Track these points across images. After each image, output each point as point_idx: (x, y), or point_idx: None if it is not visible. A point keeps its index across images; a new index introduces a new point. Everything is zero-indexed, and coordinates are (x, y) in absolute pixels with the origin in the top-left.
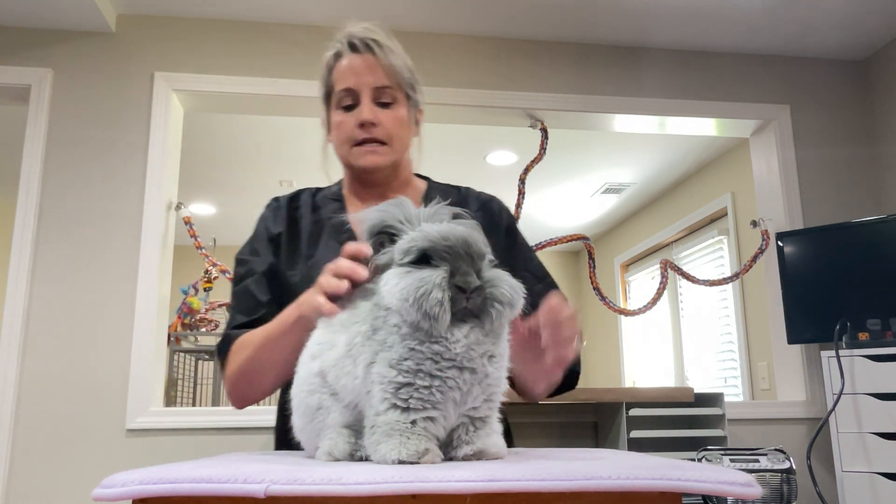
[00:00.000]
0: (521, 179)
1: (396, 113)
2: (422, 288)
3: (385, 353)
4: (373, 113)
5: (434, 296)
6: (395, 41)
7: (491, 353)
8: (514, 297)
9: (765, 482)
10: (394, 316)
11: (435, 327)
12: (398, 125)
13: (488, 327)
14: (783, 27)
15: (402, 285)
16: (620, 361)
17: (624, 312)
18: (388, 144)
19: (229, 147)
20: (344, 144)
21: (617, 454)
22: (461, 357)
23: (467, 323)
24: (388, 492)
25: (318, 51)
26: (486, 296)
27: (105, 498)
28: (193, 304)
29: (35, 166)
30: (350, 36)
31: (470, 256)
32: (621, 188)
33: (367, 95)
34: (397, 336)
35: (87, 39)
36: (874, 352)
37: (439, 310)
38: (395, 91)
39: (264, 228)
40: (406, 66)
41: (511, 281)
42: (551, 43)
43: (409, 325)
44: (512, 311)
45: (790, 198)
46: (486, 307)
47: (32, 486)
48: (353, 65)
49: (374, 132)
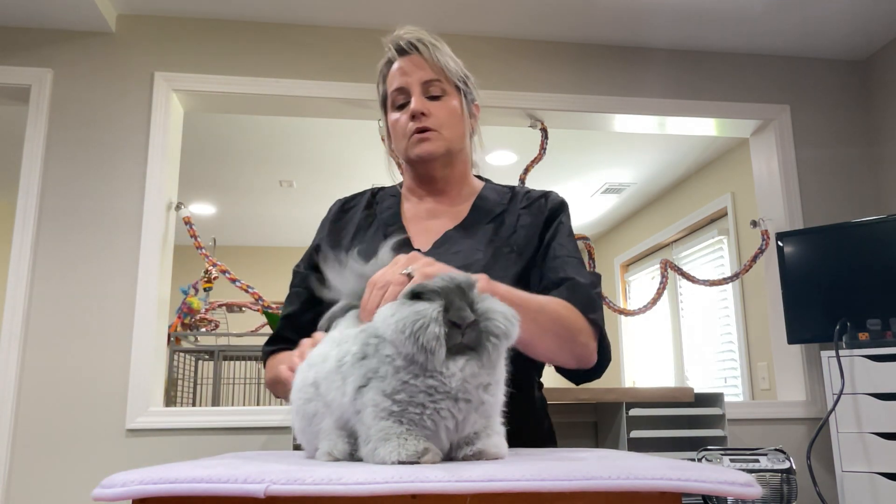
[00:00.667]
0: (521, 179)
1: (447, 104)
2: (419, 322)
3: (378, 383)
4: (423, 104)
5: (431, 330)
6: (442, 41)
7: (487, 382)
8: (509, 329)
9: (765, 482)
10: (387, 346)
11: (431, 361)
12: (449, 115)
13: (485, 360)
14: (783, 27)
15: (397, 317)
16: (620, 361)
17: (624, 312)
18: (439, 132)
19: (229, 147)
20: (402, 139)
21: (617, 454)
22: (456, 390)
23: (463, 356)
24: (388, 492)
25: (318, 51)
26: (482, 329)
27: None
28: (193, 304)
29: (35, 166)
30: (397, 40)
31: (461, 289)
32: (621, 188)
33: (416, 90)
34: (391, 367)
35: (87, 39)
36: (874, 352)
37: (436, 344)
38: (443, 84)
39: (317, 238)
40: (454, 60)
41: (505, 310)
42: (551, 43)
43: (404, 357)
44: (508, 341)
45: (790, 198)
46: (482, 340)
47: (32, 486)
48: (401, 66)
49: (425, 122)
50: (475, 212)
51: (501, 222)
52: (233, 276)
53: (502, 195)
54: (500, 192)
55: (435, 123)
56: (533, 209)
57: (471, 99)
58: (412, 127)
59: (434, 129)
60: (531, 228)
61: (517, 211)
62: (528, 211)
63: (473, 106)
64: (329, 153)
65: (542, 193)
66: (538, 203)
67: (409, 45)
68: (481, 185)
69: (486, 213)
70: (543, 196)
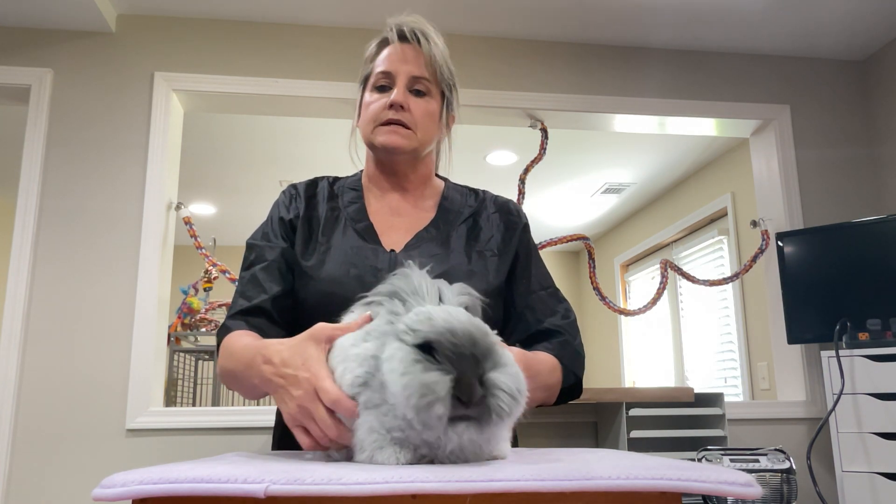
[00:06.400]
0: (521, 179)
1: (427, 104)
2: (426, 398)
3: (376, 412)
4: (404, 97)
5: (436, 410)
6: (443, 42)
7: (483, 445)
8: (513, 408)
9: (765, 482)
10: (390, 393)
11: (428, 434)
12: (426, 115)
13: (485, 430)
14: (783, 27)
15: (405, 381)
16: (620, 361)
17: (624, 312)
18: (412, 131)
19: (229, 147)
20: (369, 123)
21: (617, 454)
22: (452, 450)
23: (464, 422)
24: (388, 492)
25: (318, 51)
26: (487, 405)
27: (105, 498)
28: (193, 304)
29: (35, 166)
30: (401, 24)
31: (475, 358)
32: (621, 188)
33: (402, 80)
34: (392, 413)
35: (87, 39)
36: (874, 352)
37: (437, 423)
38: (430, 84)
39: (278, 214)
40: (448, 65)
41: (512, 386)
42: (551, 43)
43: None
44: (510, 419)
45: (790, 198)
46: (485, 415)
47: (32, 486)
48: (397, 51)
49: (401, 115)
50: (443, 212)
51: (474, 225)
52: (233, 276)
53: (465, 196)
54: (463, 193)
55: (409, 120)
56: (504, 218)
57: (451, 108)
58: (386, 116)
59: (407, 125)
60: (507, 236)
61: (489, 215)
62: (499, 217)
63: (451, 116)
64: (329, 153)
65: (507, 200)
66: (510, 216)
67: (413, 33)
68: (442, 185)
69: (455, 215)
70: (516, 212)
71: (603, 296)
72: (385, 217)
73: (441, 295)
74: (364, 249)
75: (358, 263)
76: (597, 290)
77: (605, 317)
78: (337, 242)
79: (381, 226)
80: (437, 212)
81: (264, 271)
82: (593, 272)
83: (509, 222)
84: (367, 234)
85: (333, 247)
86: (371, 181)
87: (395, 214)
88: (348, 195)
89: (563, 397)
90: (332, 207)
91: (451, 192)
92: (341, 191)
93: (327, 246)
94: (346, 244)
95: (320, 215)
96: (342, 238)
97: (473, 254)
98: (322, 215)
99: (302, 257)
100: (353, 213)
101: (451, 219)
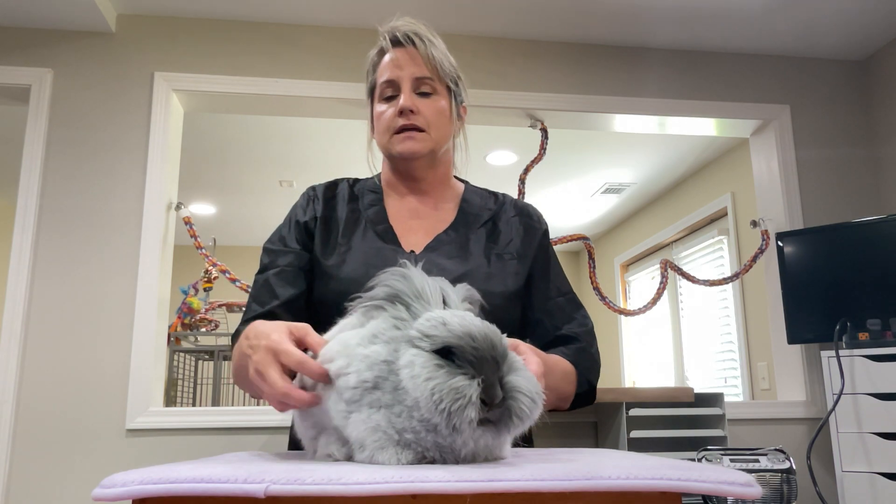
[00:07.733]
0: (521, 179)
1: (436, 103)
2: (458, 402)
3: (387, 412)
4: (412, 100)
5: (468, 414)
6: (438, 38)
7: (495, 449)
8: (532, 412)
9: (765, 482)
10: (410, 398)
11: (454, 438)
12: (437, 115)
13: (503, 435)
14: (783, 27)
15: (432, 386)
16: (620, 361)
17: (624, 312)
18: (427, 132)
19: (229, 147)
20: (384, 133)
21: (617, 454)
22: (466, 455)
23: (482, 426)
24: (388, 492)
25: (318, 51)
26: (506, 407)
27: (105, 498)
28: (193, 304)
29: (35, 166)
30: (393, 30)
31: (495, 361)
32: (621, 188)
33: (407, 85)
34: (405, 408)
35: (87, 39)
36: (874, 352)
37: (468, 427)
38: (435, 82)
39: (295, 217)
40: (448, 59)
41: (530, 389)
42: (551, 43)
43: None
44: (529, 422)
45: (790, 198)
46: (504, 418)
47: (32, 486)
48: (395, 58)
49: (412, 119)
50: (463, 215)
51: (494, 228)
52: (233, 276)
53: (485, 199)
54: (483, 196)
55: (422, 122)
56: (524, 223)
57: (460, 100)
58: (398, 123)
59: (421, 127)
60: (527, 241)
61: (509, 219)
62: (519, 221)
63: (461, 108)
64: (329, 153)
65: (530, 209)
66: (529, 220)
67: (406, 37)
68: (462, 187)
69: (474, 217)
70: (536, 217)
71: (603, 296)
72: (404, 219)
73: (445, 298)
74: (384, 251)
75: (378, 264)
76: (597, 290)
77: (605, 317)
78: (357, 244)
79: (400, 228)
80: (457, 214)
81: (277, 276)
82: (593, 272)
83: (529, 227)
84: (386, 236)
85: (354, 248)
86: (389, 185)
87: (415, 217)
88: (368, 197)
89: (575, 403)
90: (352, 209)
91: (470, 195)
92: (361, 192)
93: (347, 247)
94: (365, 245)
95: (340, 216)
96: (362, 240)
97: (493, 257)
98: (342, 217)
99: (322, 257)
100: (373, 215)
101: (470, 221)
